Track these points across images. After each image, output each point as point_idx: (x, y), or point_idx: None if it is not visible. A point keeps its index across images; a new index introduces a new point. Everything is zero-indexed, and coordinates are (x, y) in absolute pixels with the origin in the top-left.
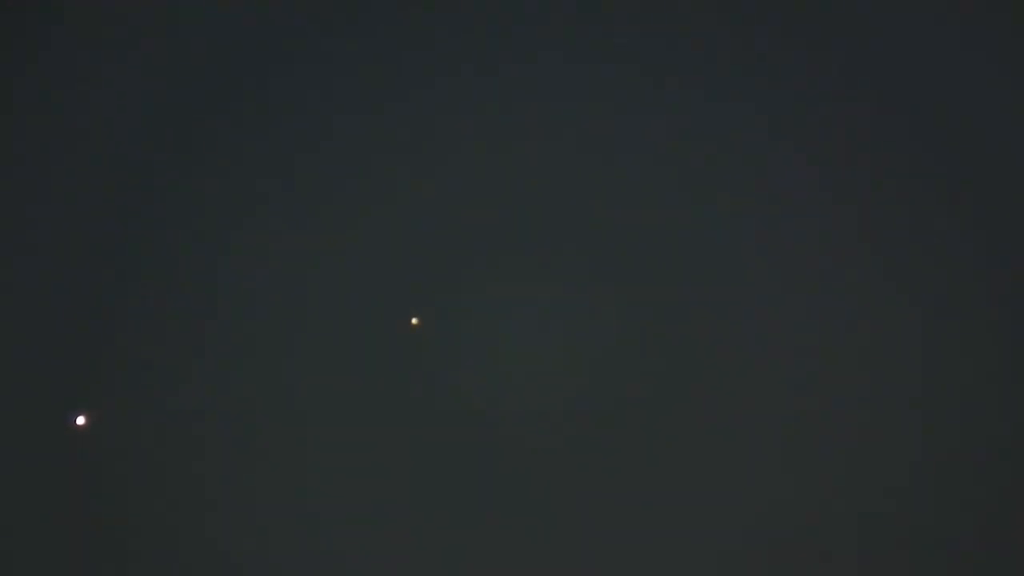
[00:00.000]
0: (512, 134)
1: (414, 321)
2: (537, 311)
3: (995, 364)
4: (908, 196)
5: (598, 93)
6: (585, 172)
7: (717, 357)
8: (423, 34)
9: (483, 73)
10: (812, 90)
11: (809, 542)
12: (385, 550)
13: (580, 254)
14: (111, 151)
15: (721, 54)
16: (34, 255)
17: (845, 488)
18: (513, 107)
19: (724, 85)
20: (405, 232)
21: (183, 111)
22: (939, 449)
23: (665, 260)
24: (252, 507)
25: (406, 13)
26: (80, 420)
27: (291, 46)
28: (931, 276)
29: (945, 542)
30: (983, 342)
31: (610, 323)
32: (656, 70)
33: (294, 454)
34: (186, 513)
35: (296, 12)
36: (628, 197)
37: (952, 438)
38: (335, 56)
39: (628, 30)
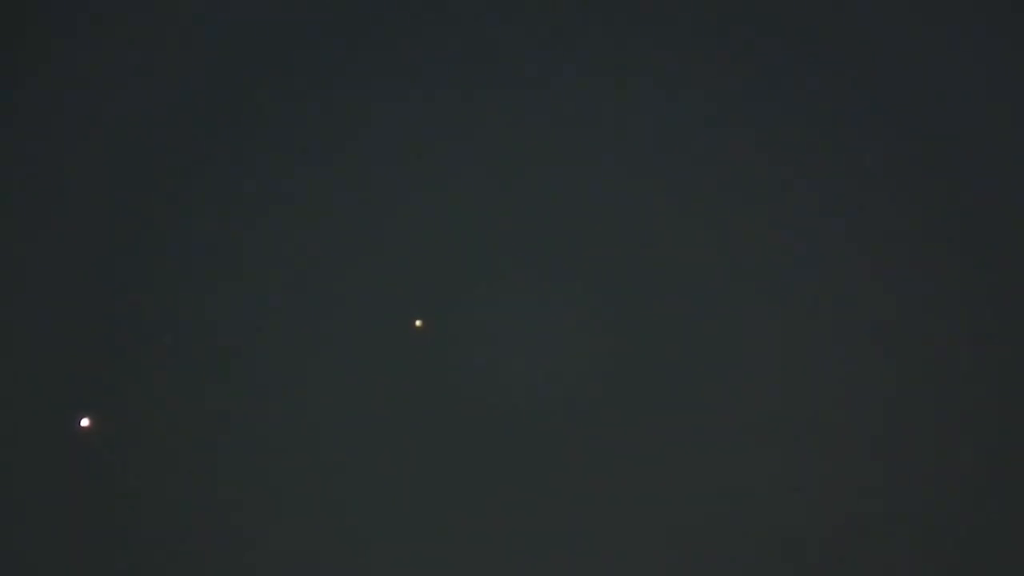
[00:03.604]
0: (515, 140)
1: (417, 323)
2: (537, 312)
3: (994, 366)
4: (902, 201)
5: (599, 99)
6: (587, 175)
7: (716, 360)
8: (427, 38)
9: (487, 80)
10: (808, 94)
11: (806, 541)
12: (388, 549)
13: (580, 257)
14: (114, 152)
15: (718, 60)
16: (40, 255)
17: (842, 488)
18: (517, 113)
19: (721, 89)
20: (406, 234)
21: (190, 114)
22: (935, 449)
23: (665, 264)
24: (255, 508)
25: (408, 19)
26: (84, 422)
27: (299, 51)
28: (926, 277)
29: (943, 542)
30: (982, 344)
31: (609, 325)
32: (653, 77)
33: (297, 455)
34: (189, 512)
35: (300, 15)
36: (629, 201)
37: (948, 439)
38: (341, 59)
39: (628, 38)
